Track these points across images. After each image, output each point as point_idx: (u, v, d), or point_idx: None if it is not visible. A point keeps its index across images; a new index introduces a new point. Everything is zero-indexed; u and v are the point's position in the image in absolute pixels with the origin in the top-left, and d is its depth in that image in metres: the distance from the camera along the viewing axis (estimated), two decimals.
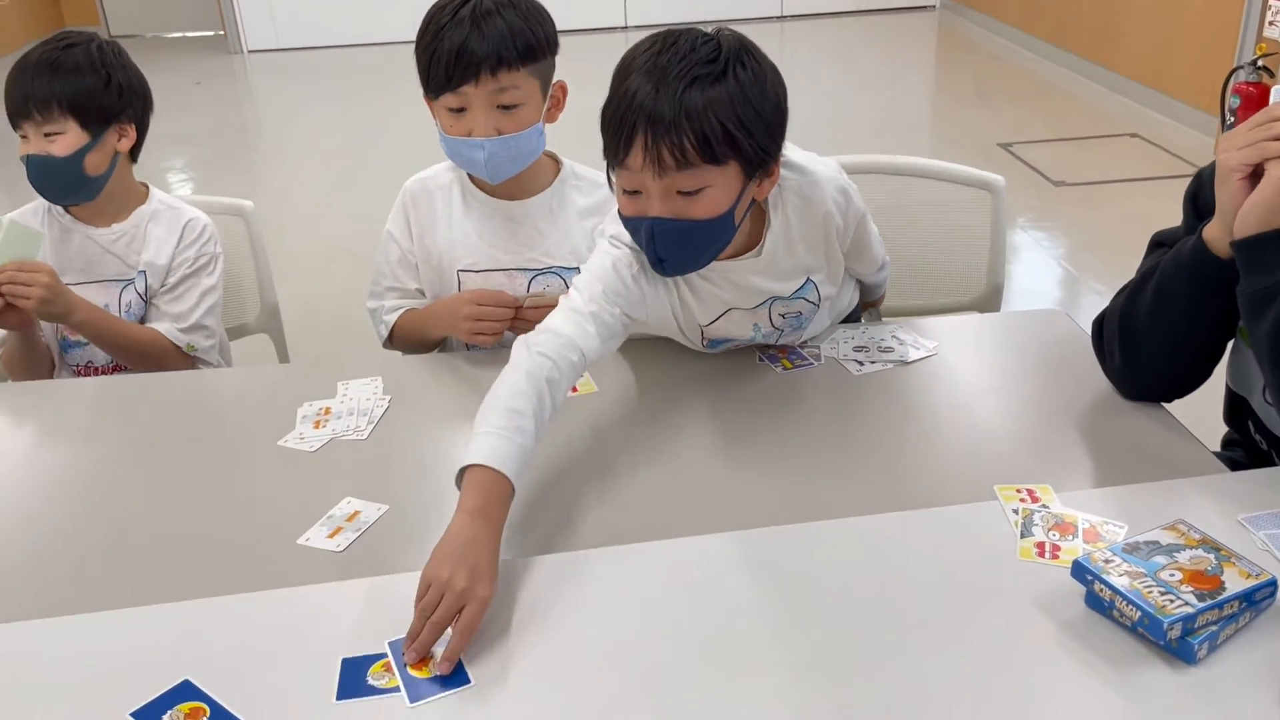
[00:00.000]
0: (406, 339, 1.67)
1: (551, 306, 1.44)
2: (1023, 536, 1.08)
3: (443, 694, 0.92)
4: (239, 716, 0.90)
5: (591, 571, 1.08)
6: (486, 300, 1.52)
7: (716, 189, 1.20)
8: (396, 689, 0.93)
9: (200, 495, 1.25)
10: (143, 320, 1.74)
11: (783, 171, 1.32)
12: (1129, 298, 1.30)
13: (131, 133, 1.71)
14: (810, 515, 1.15)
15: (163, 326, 1.72)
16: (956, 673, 0.92)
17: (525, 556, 1.10)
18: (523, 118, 1.51)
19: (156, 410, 1.48)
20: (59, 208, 1.73)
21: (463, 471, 1.10)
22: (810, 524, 1.13)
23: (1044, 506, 1.12)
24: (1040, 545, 1.06)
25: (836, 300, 1.55)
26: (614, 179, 1.25)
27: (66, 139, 1.63)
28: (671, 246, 1.24)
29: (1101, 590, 0.95)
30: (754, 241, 1.38)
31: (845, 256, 1.48)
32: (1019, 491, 1.15)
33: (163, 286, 1.74)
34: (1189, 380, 1.31)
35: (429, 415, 1.43)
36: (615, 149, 1.20)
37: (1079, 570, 0.97)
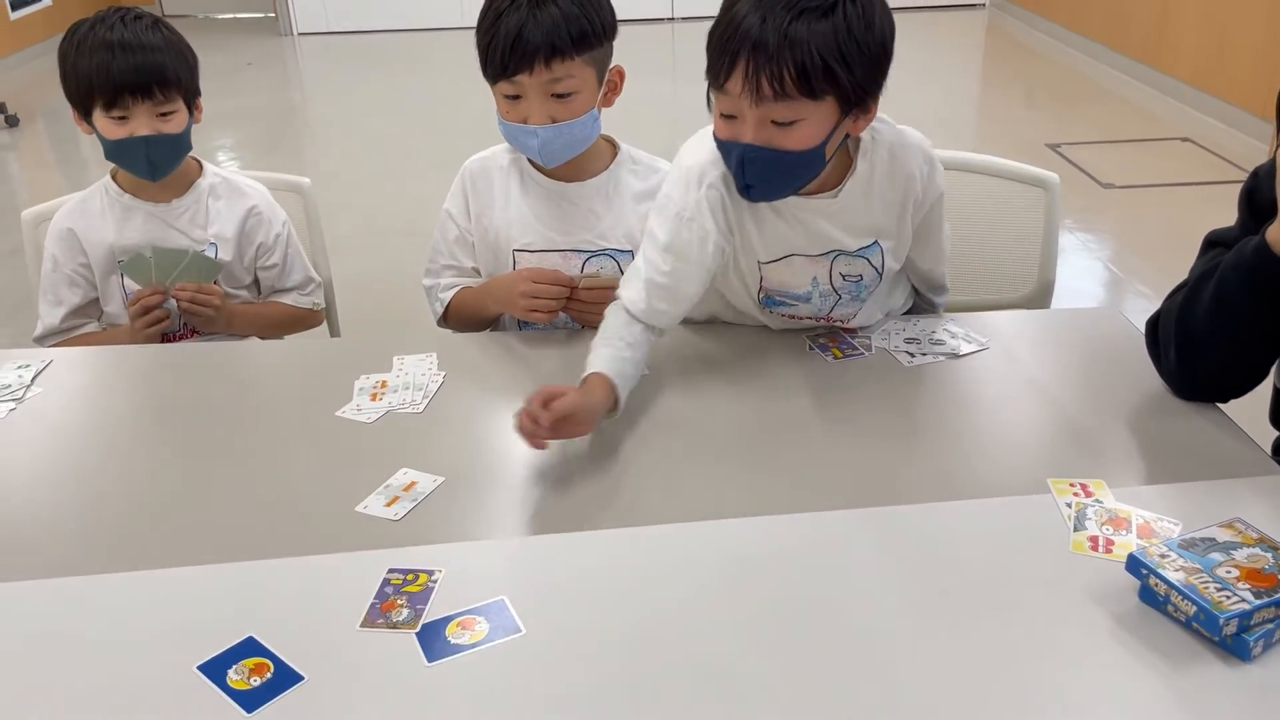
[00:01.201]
0: (462, 316, 1.69)
1: (608, 288, 1.47)
2: (1075, 530, 1.08)
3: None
4: (301, 673, 0.93)
5: (638, 549, 1.09)
6: (543, 278, 1.54)
7: (810, 122, 1.22)
8: (479, 644, 0.96)
9: (262, 460, 1.28)
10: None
11: (878, 124, 1.34)
12: (1186, 299, 1.30)
13: (201, 104, 1.76)
14: (859, 502, 1.15)
15: (289, 299, 1.88)
16: (1008, 663, 0.93)
17: (573, 531, 1.12)
18: (577, 105, 1.53)
19: (220, 378, 1.51)
20: (116, 187, 1.77)
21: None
22: (859, 510, 1.14)
23: (1098, 501, 1.12)
24: (1094, 539, 1.06)
25: (891, 294, 1.56)
26: (713, 100, 1.27)
27: (180, 116, 1.68)
28: (760, 174, 1.27)
29: (1157, 585, 0.95)
30: (833, 184, 1.38)
31: (914, 236, 1.48)
32: (1072, 485, 1.15)
33: (257, 263, 1.84)
34: (1245, 382, 1.31)
35: (483, 391, 1.45)
36: (716, 72, 1.22)
37: (1134, 564, 0.98)
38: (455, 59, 7.13)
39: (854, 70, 1.18)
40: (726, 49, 1.19)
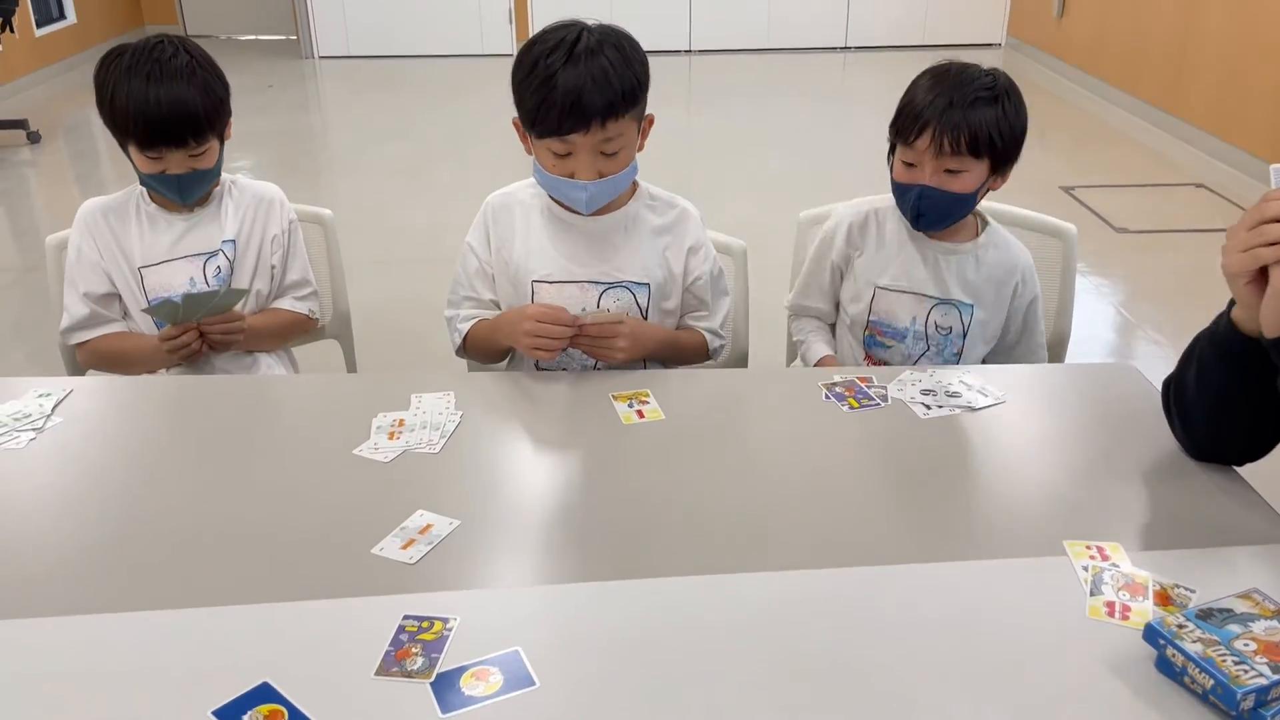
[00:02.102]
0: (478, 348, 1.73)
1: (614, 323, 1.52)
2: (1092, 594, 1.08)
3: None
4: None
5: (652, 601, 1.09)
6: (547, 318, 1.55)
7: (971, 174, 1.65)
8: (493, 696, 0.96)
9: (280, 498, 1.29)
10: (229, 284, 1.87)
11: (995, 225, 1.80)
12: (1179, 367, 1.33)
13: (231, 123, 1.82)
14: (871, 559, 1.15)
15: (285, 303, 1.93)
16: None
17: (588, 581, 1.12)
18: (623, 159, 1.58)
19: (240, 412, 1.52)
20: (143, 197, 1.84)
21: None
22: (875, 568, 1.14)
23: (1114, 565, 1.12)
24: (1110, 605, 1.06)
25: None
26: (899, 154, 1.69)
27: (211, 153, 1.75)
28: (931, 206, 1.68)
29: (1174, 656, 0.95)
30: (965, 240, 1.78)
31: (1010, 332, 1.81)
32: (1089, 548, 1.15)
33: (271, 266, 1.90)
34: (1249, 446, 1.30)
35: (500, 432, 1.45)
36: (908, 134, 1.65)
37: (1151, 634, 0.97)
38: (474, 86, 7.22)
39: (1004, 144, 1.63)
40: (920, 117, 1.62)
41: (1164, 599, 1.07)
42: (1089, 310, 3.58)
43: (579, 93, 1.47)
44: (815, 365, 1.83)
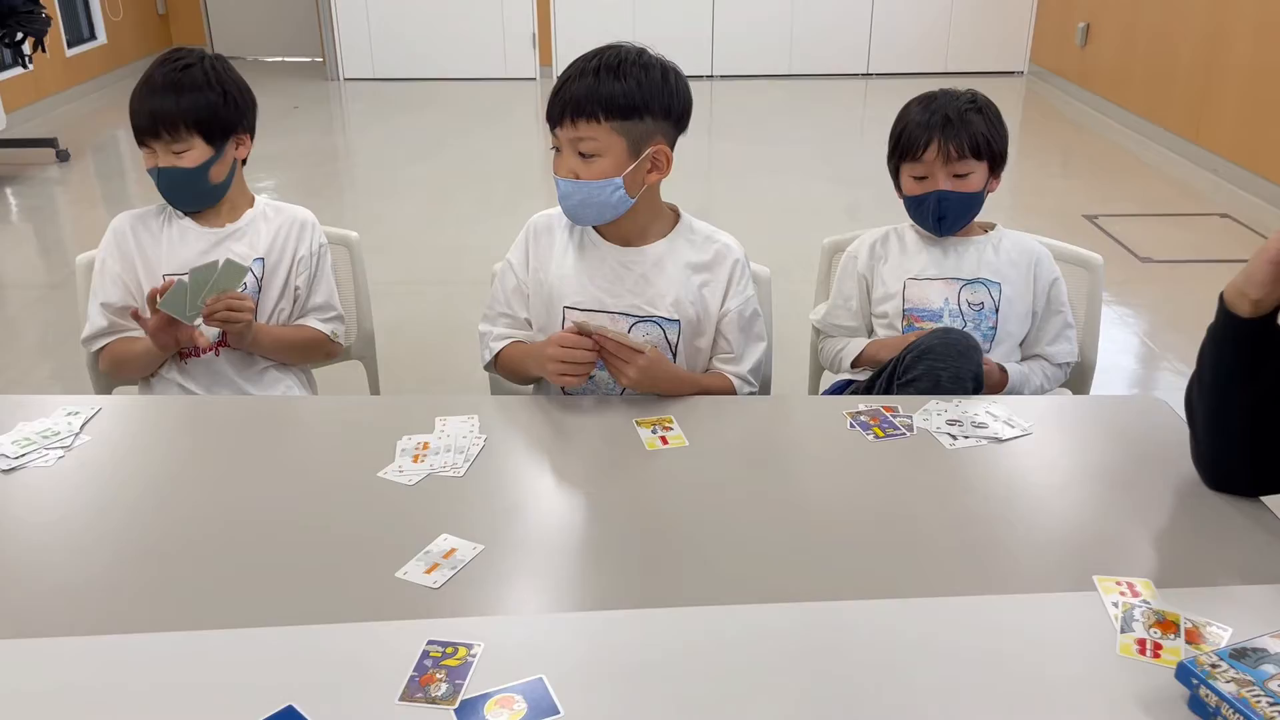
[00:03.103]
0: (507, 369, 1.74)
1: (636, 350, 1.52)
2: (1123, 631, 1.06)
3: None
4: None
5: (676, 630, 1.08)
6: (568, 341, 1.54)
7: (977, 175, 1.84)
8: None
9: (306, 520, 1.29)
10: (258, 301, 1.88)
11: (1012, 231, 1.96)
12: (1190, 381, 1.35)
13: (248, 142, 1.87)
14: (898, 591, 1.14)
15: (310, 321, 1.92)
16: None
17: (611, 609, 1.12)
18: (598, 168, 1.58)
19: (266, 433, 1.53)
20: (179, 211, 1.87)
21: None
22: (898, 600, 1.13)
23: (1145, 602, 1.10)
24: (1141, 642, 1.05)
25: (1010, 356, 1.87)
26: (903, 172, 1.87)
27: (193, 154, 1.79)
28: (950, 209, 1.85)
29: (1207, 696, 0.94)
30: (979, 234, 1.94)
31: (1039, 314, 1.90)
32: (1119, 584, 1.13)
33: (295, 287, 1.91)
34: (1256, 470, 1.30)
35: (523, 456, 1.45)
36: (916, 150, 1.83)
37: (1184, 673, 0.96)
38: (498, 109, 7.27)
39: (997, 145, 1.85)
40: (922, 133, 1.82)
41: (1196, 637, 1.05)
42: (1113, 340, 3.55)
43: (566, 85, 1.57)
44: (860, 355, 1.91)
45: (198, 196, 1.85)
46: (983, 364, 1.66)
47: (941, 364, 1.62)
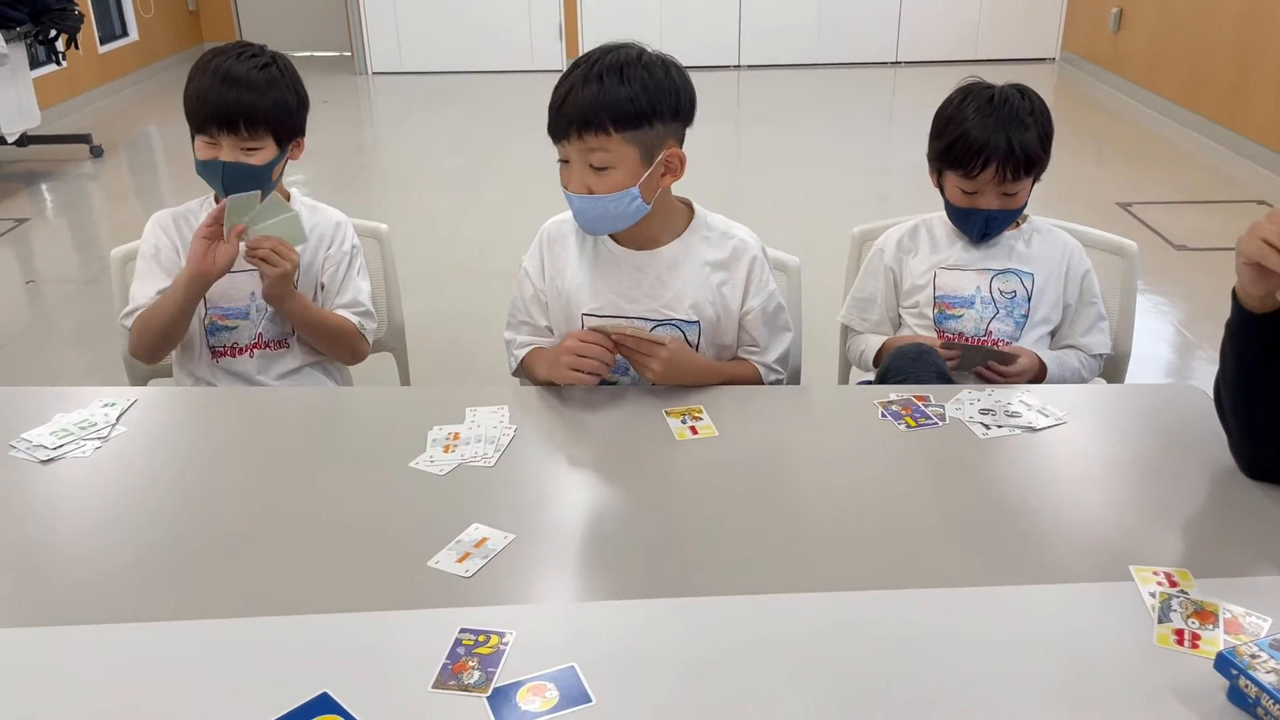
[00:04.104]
0: (531, 375, 1.72)
1: (657, 343, 1.51)
2: (1160, 622, 1.05)
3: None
4: None
5: (708, 619, 1.08)
6: (587, 337, 1.54)
7: (1025, 191, 1.81)
8: (549, 711, 0.95)
9: (338, 509, 1.30)
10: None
11: (1043, 221, 1.93)
12: (1216, 376, 1.34)
13: (303, 144, 1.86)
14: (931, 581, 1.14)
15: (342, 314, 1.90)
16: None
17: (642, 598, 1.12)
18: (613, 181, 1.54)
19: (295, 423, 1.54)
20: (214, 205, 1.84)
21: None
22: (932, 590, 1.12)
23: (1182, 592, 1.09)
24: (1179, 633, 1.03)
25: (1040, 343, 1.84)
26: (955, 181, 1.81)
27: (263, 153, 1.77)
28: (996, 226, 1.83)
29: (1247, 686, 0.92)
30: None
31: (1071, 305, 1.87)
32: (1156, 574, 1.12)
33: (319, 284, 1.89)
34: None
35: (553, 446, 1.46)
36: (969, 166, 1.76)
37: (1223, 664, 0.95)
38: (524, 101, 7.28)
39: (1047, 156, 1.80)
40: (982, 152, 1.75)
41: (1235, 628, 1.04)
42: (1148, 329, 3.51)
43: (568, 96, 1.51)
44: (879, 353, 1.89)
45: (248, 187, 1.77)
46: (944, 362, 1.68)
47: (900, 377, 1.64)
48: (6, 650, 1.05)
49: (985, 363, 1.75)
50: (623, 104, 1.49)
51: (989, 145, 1.74)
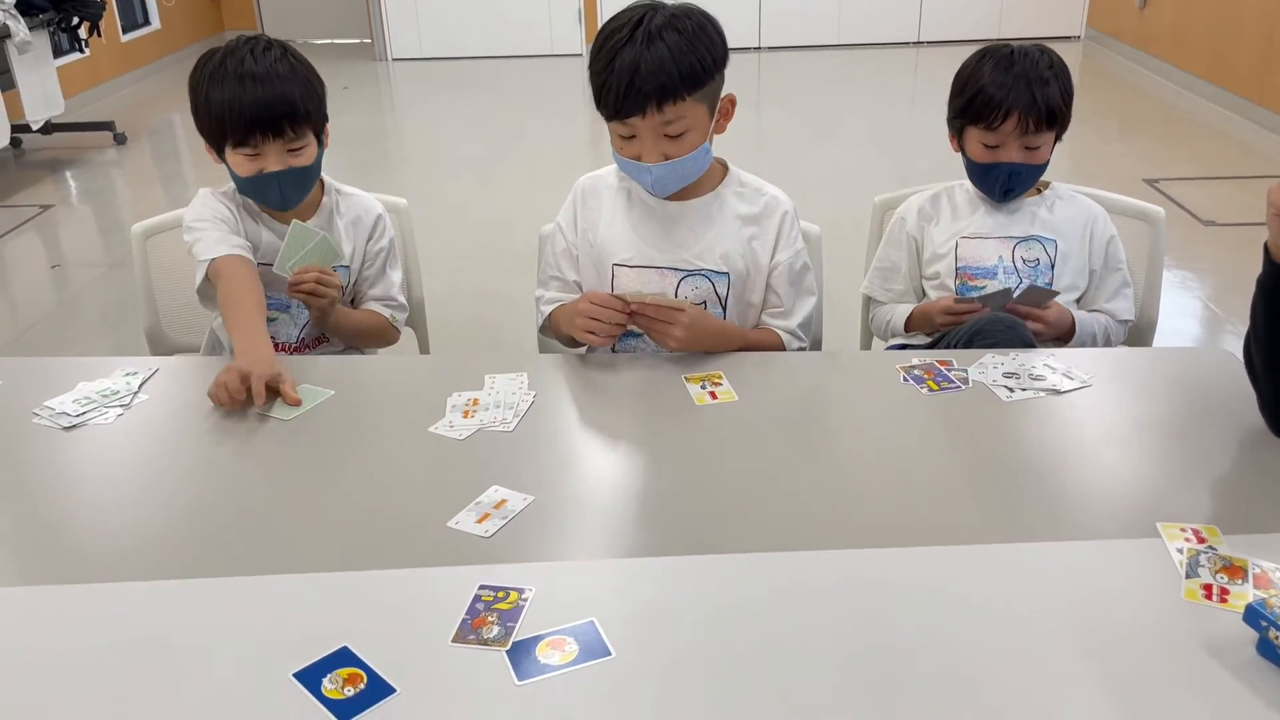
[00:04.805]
0: (557, 331, 1.73)
1: (675, 308, 1.51)
2: (1188, 577, 1.03)
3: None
4: (394, 685, 0.93)
5: (728, 576, 1.08)
6: (599, 300, 1.53)
7: (1047, 145, 1.79)
8: (569, 665, 0.95)
9: (358, 472, 1.30)
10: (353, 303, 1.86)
11: (1066, 188, 1.91)
12: (1247, 333, 1.32)
13: (328, 129, 1.75)
14: (954, 538, 1.13)
15: (375, 307, 1.86)
16: (1116, 713, 0.89)
17: (664, 555, 1.11)
18: (689, 142, 1.55)
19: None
20: (248, 212, 1.75)
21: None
22: (955, 547, 1.11)
23: (1211, 548, 1.07)
24: (1207, 587, 1.02)
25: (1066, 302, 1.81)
26: (976, 137, 1.78)
27: (309, 149, 1.67)
28: (1019, 181, 1.80)
29: (1276, 637, 0.91)
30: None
31: (1096, 271, 1.84)
32: (1183, 530, 1.10)
33: (360, 275, 1.86)
34: None
35: (572, 411, 1.45)
36: (990, 118, 1.74)
37: (1253, 616, 0.93)
38: (544, 86, 7.27)
39: (1067, 113, 1.78)
40: (1002, 104, 1.73)
41: (1265, 583, 1.02)
42: (1176, 304, 3.47)
43: (633, 76, 1.46)
44: (910, 318, 1.88)
45: (306, 191, 1.72)
46: (1031, 339, 1.61)
47: (989, 341, 1.58)
48: (34, 606, 1.06)
49: (1009, 305, 1.69)
50: (689, 61, 1.48)
51: (1010, 96, 1.73)
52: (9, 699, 0.94)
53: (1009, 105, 1.73)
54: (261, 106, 1.59)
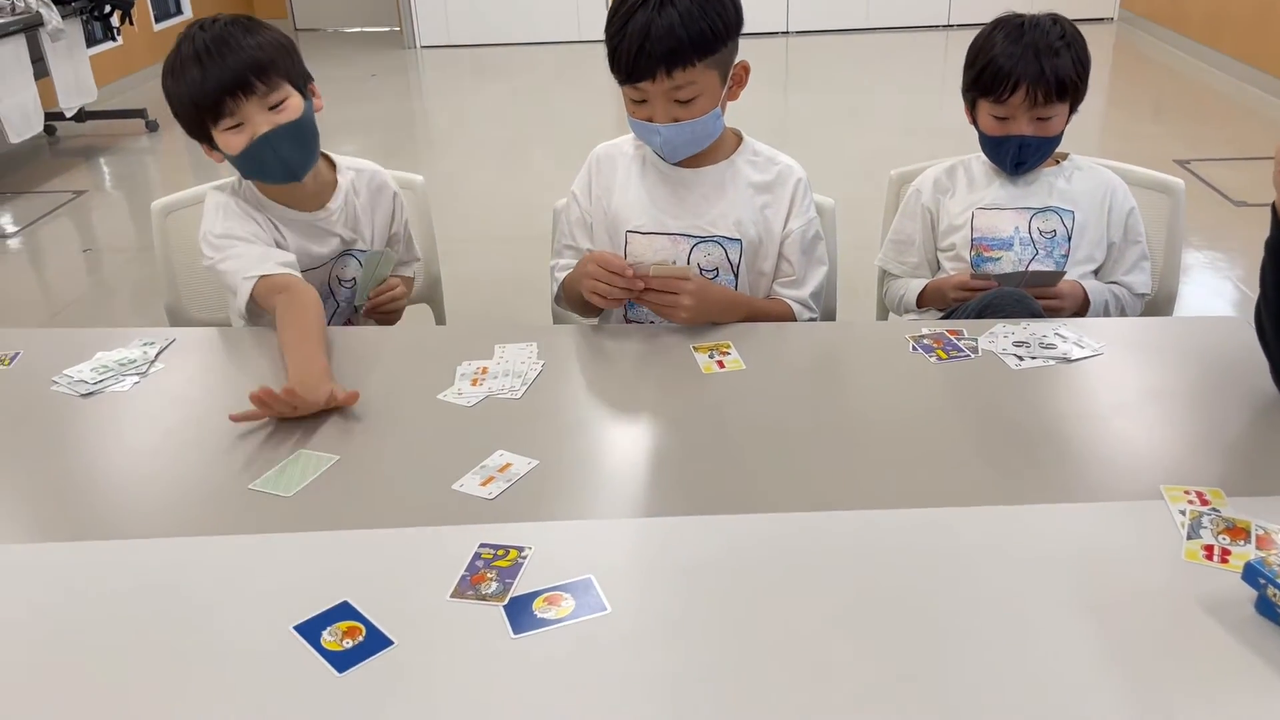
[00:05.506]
0: (570, 297, 1.73)
1: (680, 278, 1.50)
2: (1189, 538, 1.03)
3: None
4: (391, 638, 0.95)
5: (728, 536, 1.08)
6: (604, 263, 1.52)
7: (1060, 117, 1.76)
8: (565, 619, 0.96)
9: (365, 437, 1.31)
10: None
11: (1085, 160, 1.89)
12: (1258, 299, 1.31)
13: (318, 90, 1.69)
14: (957, 500, 1.12)
15: (403, 272, 1.96)
16: (1116, 669, 0.89)
17: (665, 515, 1.12)
18: (699, 107, 1.56)
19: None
20: (268, 201, 1.71)
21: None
22: (957, 509, 1.11)
23: (1214, 510, 1.06)
24: (1209, 548, 1.01)
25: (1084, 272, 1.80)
26: (987, 109, 1.78)
27: (292, 101, 1.60)
28: (1030, 154, 1.78)
29: (1275, 595, 0.90)
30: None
31: (1114, 243, 1.83)
32: (1187, 493, 1.10)
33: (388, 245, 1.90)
34: None
35: (580, 380, 1.46)
36: (999, 90, 1.73)
37: (1251, 574, 0.92)
38: (571, 72, 7.27)
39: (1081, 86, 1.75)
40: (1011, 74, 1.72)
41: (1267, 544, 1.01)
42: (1205, 284, 3.42)
43: (644, 41, 1.47)
44: (922, 293, 1.87)
45: (309, 153, 1.66)
46: (1040, 311, 1.60)
47: (1000, 314, 1.58)
48: (49, 563, 1.09)
49: (1025, 285, 1.69)
50: (699, 27, 1.48)
51: (1018, 68, 1.71)
52: (27, 646, 0.96)
53: (1017, 77, 1.71)
54: (224, 70, 1.54)
